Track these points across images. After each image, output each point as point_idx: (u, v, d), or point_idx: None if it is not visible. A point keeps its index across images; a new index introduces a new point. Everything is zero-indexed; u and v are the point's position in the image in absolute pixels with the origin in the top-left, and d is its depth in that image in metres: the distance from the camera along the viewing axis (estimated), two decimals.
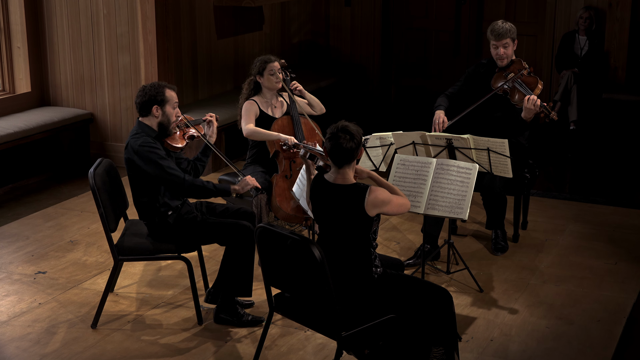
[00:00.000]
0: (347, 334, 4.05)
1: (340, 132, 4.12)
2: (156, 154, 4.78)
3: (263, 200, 5.54)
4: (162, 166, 4.77)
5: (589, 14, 9.07)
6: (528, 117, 5.76)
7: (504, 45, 5.90)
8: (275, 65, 5.73)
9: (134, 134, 4.86)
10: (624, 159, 8.32)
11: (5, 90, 7.86)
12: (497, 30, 5.90)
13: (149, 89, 4.86)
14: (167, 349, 4.71)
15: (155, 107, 4.84)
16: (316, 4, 10.48)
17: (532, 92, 5.78)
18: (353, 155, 4.15)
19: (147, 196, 4.87)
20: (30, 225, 6.52)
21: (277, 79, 5.74)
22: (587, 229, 6.45)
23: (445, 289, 4.29)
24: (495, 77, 5.98)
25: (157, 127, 4.89)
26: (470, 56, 10.10)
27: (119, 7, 7.66)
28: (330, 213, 4.24)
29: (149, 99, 4.84)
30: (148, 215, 4.90)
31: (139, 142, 4.79)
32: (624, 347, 4.81)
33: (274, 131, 5.70)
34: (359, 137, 4.16)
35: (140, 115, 4.91)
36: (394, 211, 4.21)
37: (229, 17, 8.72)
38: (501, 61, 5.95)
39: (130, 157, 4.82)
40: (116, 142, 7.99)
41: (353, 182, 4.18)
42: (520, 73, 5.88)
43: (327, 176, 4.23)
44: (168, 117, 4.88)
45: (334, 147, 4.12)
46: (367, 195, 4.09)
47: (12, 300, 5.28)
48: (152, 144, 4.80)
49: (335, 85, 9.91)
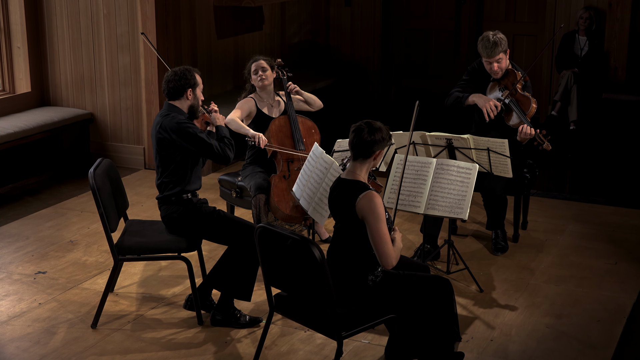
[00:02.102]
0: (347, 334, 4.06)
1: (365, 124, 4.14)
2: (195, 128, 4.90)
3: (261, 200, 5.54)
4: (202, 139, 4.87)
5: (589, 14, 9.07)
6: (523, 142, 5.75)
7: (497, 60, 5.82)
8: (259, 63, 5.76)
9: (165, 115, 4.93)
10: (624, 159, 8.32)
11: (5, 90, 7.86)
12: (488, 47, 5.77)
13: (181, 73, 4.97)
14: (167, 349, 4.71)
15: (189, 90, 4.96)
16: (316, 4, 10.48)
17: (527, 112, 5.71)
18: (368, 148, 4.12)
19: (172, 176, 4.92)
20: (30, 225, 6.52)
21: (259, 78, 5.77)
22: (587, 229, 6.45)
23: (444, 278, 4.31)
24: (490, 87, 5.93)
25: (188, 110, 5.00)
26: (470, 56, 10.10)
27: (119, 7, 7.66)
28: (334, 207, 4.26)
29: (184, 82, 4.94)
30: (166, 196, 4.94)
31: (176, 120, 4.87)
32: (624, 347, 4.81)
33: (272, 131, 5.72)
34: (381, 135, 4.13)
35: (170, 99, 4.98)
36: (373, 235, 4.05)
37: (229, 17, 8.72)
38: (495, 75, 5.89)
39: (166, 136, 4.87)
40: (116, 142, 7.99)
41: (358, 179, 4.17)
42: (514, 88, 5.79)
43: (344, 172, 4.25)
44: (198, 100, 5.02)
45: (354, 137, 4.14)
46: (361, 195, 4.08)
47: (12, 300, 5.28)
48: (188, 122, 4.92)
49: (335, 85, 9.91)
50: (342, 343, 4.08)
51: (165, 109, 4.97)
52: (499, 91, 5.88)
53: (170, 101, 4.99)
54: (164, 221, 5.00)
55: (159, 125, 4.90)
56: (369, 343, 4.74)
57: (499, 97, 5.84)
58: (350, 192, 4.12)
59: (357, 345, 4.71)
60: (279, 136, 5.74)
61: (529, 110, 5.73)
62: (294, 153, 5.68)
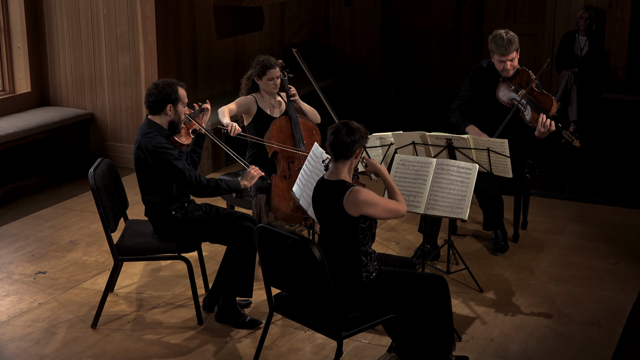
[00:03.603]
0: (347, 334, 4.06)
1: (342, 125, 4.17)
2: (171, 155, 4.73)
3: (262, 200, 5.54)
4: (177, 168, 4.72)
5: (589, 14, 9.07)
6: (541, 137, 5.69)
7: (511, 59, 5.77)
8: (275, 71, 5.72)
9: (145, 134, 4.78)
10: (624, 159, 8.32)
11: (5, 90, 7.86)
12: (503, 45, 5.71)
13: (162, 87, 4.78)
14: (167, 349, 4.71)
15: (169, 106, 4.79)
16: (316, 4, 10.48)
17: (549, 111, 5.66)
18: (348, 149, 4.15)
19: (155, 194, 4.85)
20: (30, 225, 6.52)
21: (274, 86, 5.75)
22: (587, 229, 6.45)
23: (439, 276, 4.33)
24: (500, 86, 5.88)
25: (168, 126, 4.84)
26: (470, 56, 10.10)
27: (119, 7, 7.66)
28: (318, 209, 4.27)
29: (163, 97, 4.77)
30: (154, 212, 4.89)
31: (153, 142, 4.73)
32: (624, 347, 4.81)
33: (273, 131, 5.71)
34: (359, 135, 4.17)
35: (150, 113, 4.84)
36: (381, 215, 4.19)
37: (229, 17, 8.72)
38: (507, 73, 5.84)
39: (142, 157, 4.76)
40: (116, 142, 7.99)
41: (341, 179, 4.19)
42: (531, 89, 5.71)
43: (326, 173, 4.26)
44: (179, 115, 4.84)
45: (333, 139, 4.17)
46: (346, 194, 4.10)
47: (12, 300, 5.28)
48: (166, 145, 4.75)
49: (336, 85, 9.91)
50: (342, 343, 4.09)
51: (144, 125, 4.83)
52: (513, 91, 5.82)
53: (150, 116, 4.84)
54: (158, 235, 4.95)
55: (137, 143, 4.79)
56: (369, 343, 4.74)
57: (514, 97, 5.79)
58: (335, 193, 4.14)
59: (357, 345, 4.71)
60: (280, 136, 5.74)
61: (551, 109, 5.69)
62: (293, 151, 5.68)
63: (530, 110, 5.73)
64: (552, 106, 5.70)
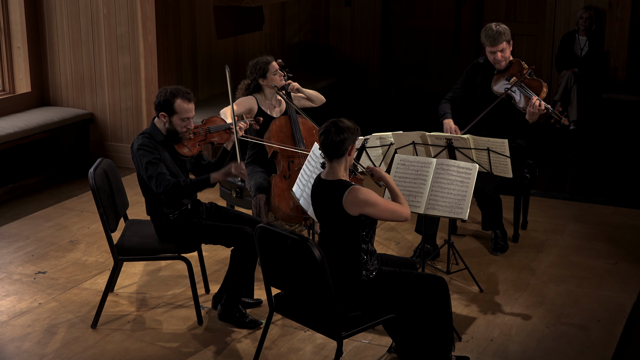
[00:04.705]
0: (347, 334, 4.06)
1: (331, 125, 4.17)
2: (146, 157, 4.72)
3: (262, 200, 5.54)
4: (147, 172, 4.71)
5: (589, 14, 9.07)
6: (532, 119, 5.73)
7: (501, 49, 5.85)
8: (274, 64, 5.78)
9: (141, 133, 4.87)
10: (624, 159, 8.32)
11: (5, 90, 7.86)
12: (492, 36, 5.82)
13: (163, 94, 4.79)
14: (167, 349, 4.71)
15: (162, 113, 4.81)
16: (316, 4, 10.48)
17: (539, 95, 5.73)
18: (339, 147, 4.14)
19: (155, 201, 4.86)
20: (30, 225, 6.52)
21: (280, 75, 5.78)
22: (587, 229, 6.45)
23: (439, 276, 4.33)
24: (495, 79, 5.95)
25: (166, 132, 4.85)
26: (470, 56, 10.10)
27: (119, 7, 7.66)
28: (318, 209, 4.27)
29: (159, 103, 4.80)
30: (155, 212, 4.90)
31: (138, 142, 4.80)
32: (624, 347, 4.81)
33: (273, 131, 5.71)
34: (349, 133, 4.16)
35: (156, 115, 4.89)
36: (382, 215, 4.17)
37: (229, 17, 8.72)
38: (499, 65, 5.92)
39: (132, 157, 4.86)
40: (116, 142, 7.99)
41: (339, 179, 4.19)
42: (523, 77, 5.83)
43: (323, 172, 4.26)
44: (174, 127, 4.82)
45: (323, 140, 4.16)
46: (346, 193, 4.10)
47: (12, 300, 5.28)
48: (145, 147, 4.75)
49: (335, 85, 9.91)
50: (342, 343, 4.09)
51: (149, 126, 4.90)
52: (505, 80, 5.88)
53: (155, 117, 4.89)
54: (158, 236, 4.95)
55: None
56: (369, 343, 4.74)
57: (506, 86, 5.84)
58: (334, 193, 4.14)
59: (357, 345, 4.71)
60: (280, 136, 5.74)
61: (541, 93, 5.73)
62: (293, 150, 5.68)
63: (521, 97, 5.78)
64: (541, 90, 5.75)
